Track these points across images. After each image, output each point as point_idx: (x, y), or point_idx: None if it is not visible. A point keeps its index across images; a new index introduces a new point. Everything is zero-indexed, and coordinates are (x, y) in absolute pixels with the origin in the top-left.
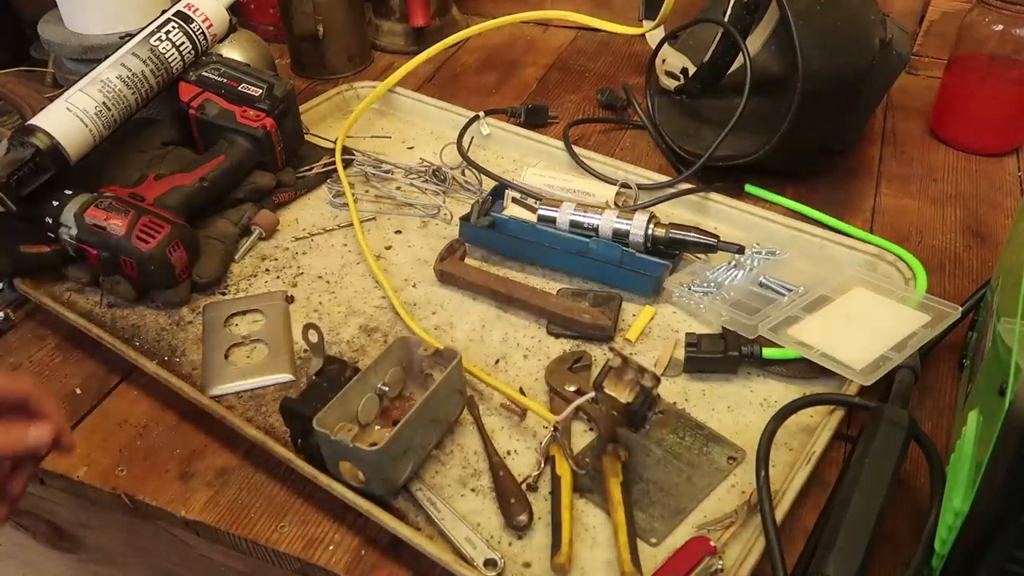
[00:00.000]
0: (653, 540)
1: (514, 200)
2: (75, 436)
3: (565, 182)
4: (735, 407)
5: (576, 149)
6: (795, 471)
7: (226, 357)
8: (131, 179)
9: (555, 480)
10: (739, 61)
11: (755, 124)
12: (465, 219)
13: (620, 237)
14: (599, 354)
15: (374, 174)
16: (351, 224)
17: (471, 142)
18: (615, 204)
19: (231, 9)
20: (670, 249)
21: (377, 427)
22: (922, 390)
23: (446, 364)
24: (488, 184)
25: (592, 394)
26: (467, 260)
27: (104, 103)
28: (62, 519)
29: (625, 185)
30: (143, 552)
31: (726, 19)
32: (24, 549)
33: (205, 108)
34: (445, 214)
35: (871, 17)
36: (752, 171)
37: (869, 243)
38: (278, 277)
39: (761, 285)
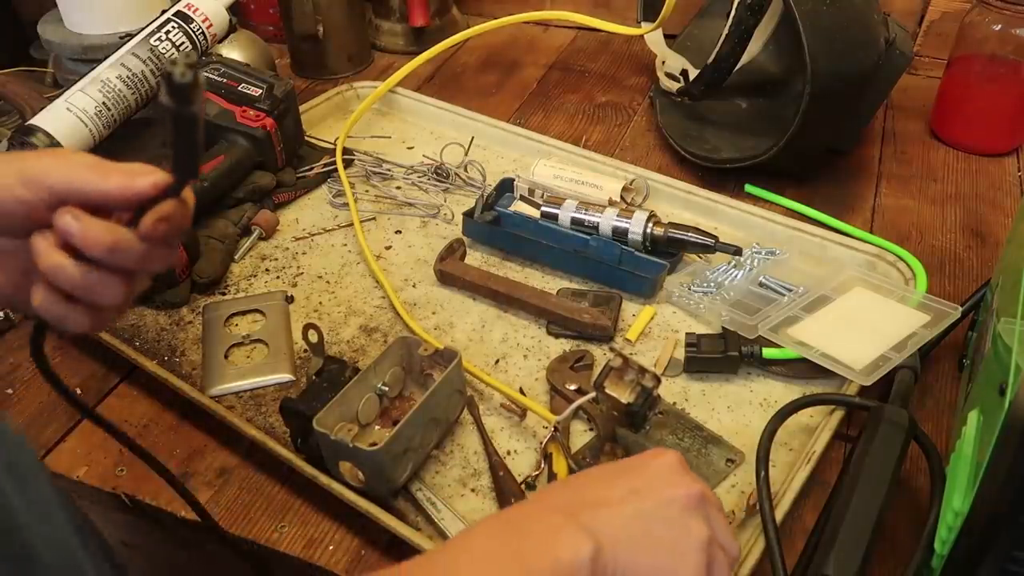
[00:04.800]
0: None
1: (522, 197)
2: (75, 436)
3: (575, 174)
4: (735, 407)
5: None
6: (795, 471)
7: (226, 357)
8: None
9: (553, 479)
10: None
11: (757, 125)
12: (468, 215)
13: (619, 235)
14: (599, 354)
15: (375, 172)
16: (351, 224)
17: (471, 141)
18: (622, 199)
19: (231, 9)
20: (669, 249)
21: (377, 427)
22: (922, 390)
23: (446, 364)
24: (491, 181)
25: (593, 394)
26: (467, 260)
27: (104, 103)
28: None
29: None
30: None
31: (729, 20)
32: None
33: (205, 108)
34: (445, 214)
35: (875, 17)
36: (752, 171)
37: (869, 243)
38: (278, 277)
39: (761, 285)
